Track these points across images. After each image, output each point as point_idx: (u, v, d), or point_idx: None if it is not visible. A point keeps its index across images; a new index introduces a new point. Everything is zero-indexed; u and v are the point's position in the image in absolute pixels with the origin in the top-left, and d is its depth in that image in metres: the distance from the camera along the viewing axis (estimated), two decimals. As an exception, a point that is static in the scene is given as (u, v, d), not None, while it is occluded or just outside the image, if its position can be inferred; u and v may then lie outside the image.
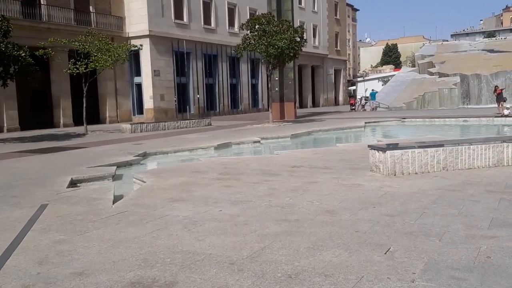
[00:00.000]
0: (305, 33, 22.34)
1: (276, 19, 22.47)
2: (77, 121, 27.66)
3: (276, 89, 26.35)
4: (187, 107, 34.68)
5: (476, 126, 21.03)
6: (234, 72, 39.91)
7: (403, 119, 23.64)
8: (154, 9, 31.96)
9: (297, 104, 34.18)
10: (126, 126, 22.28)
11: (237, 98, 40.46)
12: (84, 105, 22.48)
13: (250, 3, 41.20)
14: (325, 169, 8.61)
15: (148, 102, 32.48)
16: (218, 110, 37.93)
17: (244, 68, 40.60)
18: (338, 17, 57.80)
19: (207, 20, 36.82)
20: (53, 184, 8.22)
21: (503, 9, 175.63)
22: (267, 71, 24.56)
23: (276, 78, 26.13)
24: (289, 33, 21.28)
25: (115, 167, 10.38)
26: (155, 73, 32.29)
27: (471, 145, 7.84)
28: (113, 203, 6.49)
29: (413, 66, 69.38)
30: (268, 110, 42.83)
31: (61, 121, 28.64)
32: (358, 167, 8.65)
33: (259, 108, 42.84)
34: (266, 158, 10.55)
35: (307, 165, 9.19)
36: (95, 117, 31.34)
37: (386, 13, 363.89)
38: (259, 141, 15.60)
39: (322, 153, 10.92)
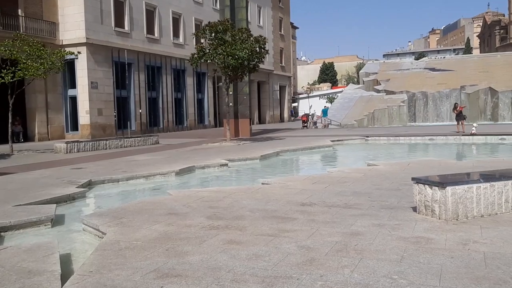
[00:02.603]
0: (267, 44, 20.42)
1: (234, 27, 20.38)
2: (0, 139, 23.93)
3: (230, 104, 24.15)
4: (128, 123, 31.57)
5: (450, 145, 19.99)
6: (179, 85, 37.29)
7: (367, 138, 22.23)
8: (92, 15, 28.88)
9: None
10: (60, 145, 19.09)
11: (182, 113, 37.77)
12: (10, 120, 19.15)
13: (197, 14, 38.97)
14: (349, 208, 6.50)
15: (84, 118, 29.11)
16: (161, 127, 35.07)
17: (190, 82, 38.10)
18: (282, 32, 56.83)
19: (150, 30, 34.09)
20: (-38, 239, 5.52)
21: (429, 31, 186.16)
22: (219, 85, 22.34)
23: (231, 93, 23.95)
24: (249, 42, 19.25)
25: (54, 204, 7.73)
26: (92, 85, 29.07)
27: (542, 177, 6.04)
28: (62, 284, 3.99)
29: (348, 84, 70.32)
30: (215, 127, 40.85)
31: (-19, 139, 24.70)
32: (391, 205, 6.62)
33: (205, 125, 40.40)
34: (256, 190, 8.28)
35: (319, 201, 7.05)
36: (22, 134, 27.63)
37: (319, 32, 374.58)
38: (226, 165, 13.28)
39: (321, 182, 8.82)
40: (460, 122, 24.27)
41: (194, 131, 35.87)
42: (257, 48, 19.79)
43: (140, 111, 32.73)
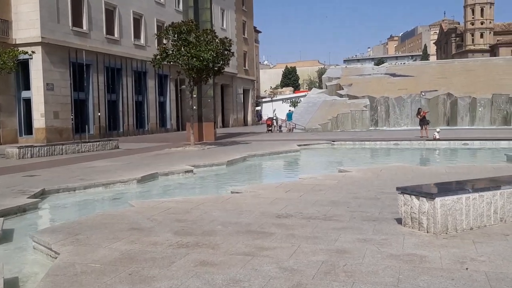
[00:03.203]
0: (233, 45, 19.88)
1: (198, 28, 19.73)
2: None
3: (194, 107, 23.44)
4: (86, 126, 30.27)
5: (416, 150, 20.01)
6: (140, 88, 36.15)
7: (333, 142, 22.04)
8: (47, 13, 27.52)
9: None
10: (12, 150, 17.92)
11: (143, 117, 36.64)
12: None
13: (158, 15, 38.01)
14: (329, 220, 6.04)
15: (39, 121, 27.67)
16: (122, 130, 33.86)
17: (151, 84, 37.05)
18: (246, 36, 56.43)
19: (110, 30, 32.91)
20: None
21: (388, 38, 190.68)
22: (182, 88, 21.65)
23: (194, 96, 23.24)
24: (215, 44, 18.67)
25: (2, 218, 6.94)
26: (48, 87, 27.69)
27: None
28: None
29: (310, 88, 70.82)
30: (177, 130, 39.87)
31: None
32: (372, 216, 6.20)
33: (167, 128, 39.38)
34: (226, 200, 7.72)
35: (295, 212, 6.56)
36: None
37: (281, 37, 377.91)
38: (191, 171, 12.64)
39: (295, 190, 8.35)
40: (423, 127, 24.49)
41: (155, 135, 34.87)
42: (222, 50, 19.22)
43: (99, 114, 31.49)
